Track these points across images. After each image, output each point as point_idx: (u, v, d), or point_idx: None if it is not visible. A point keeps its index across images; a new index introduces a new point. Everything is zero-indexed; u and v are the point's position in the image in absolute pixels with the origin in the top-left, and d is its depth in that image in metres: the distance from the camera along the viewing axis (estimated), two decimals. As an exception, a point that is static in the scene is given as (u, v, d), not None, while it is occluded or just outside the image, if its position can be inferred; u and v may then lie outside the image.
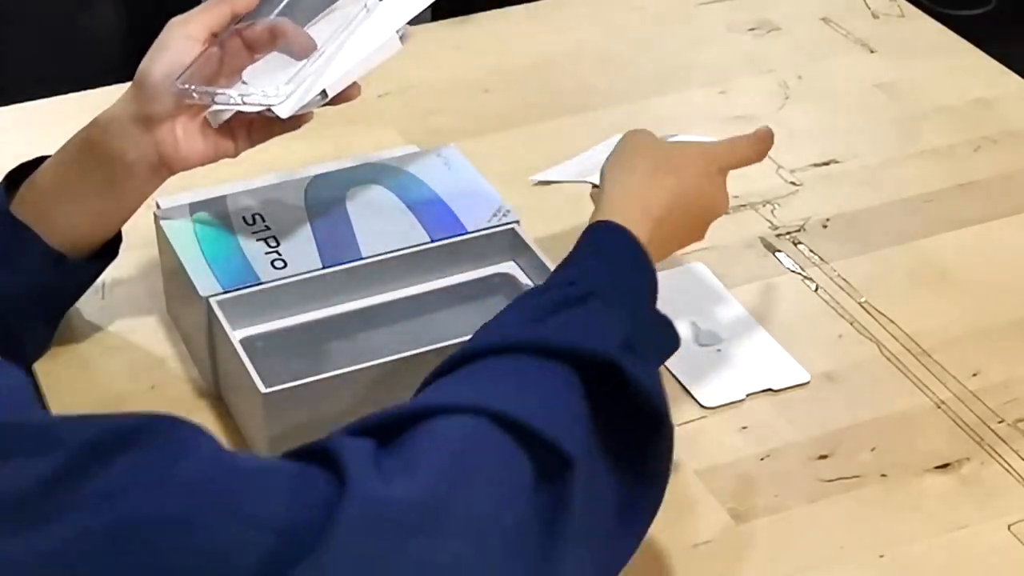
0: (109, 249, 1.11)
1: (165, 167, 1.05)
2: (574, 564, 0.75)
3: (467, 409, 0.75)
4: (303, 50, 1.05)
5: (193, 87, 1.01)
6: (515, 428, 0.75)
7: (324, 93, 1.04)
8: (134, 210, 1.08)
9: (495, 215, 1.13)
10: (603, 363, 0.82)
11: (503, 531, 0.71)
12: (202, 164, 1.06)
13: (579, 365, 0.81)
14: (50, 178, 1.06)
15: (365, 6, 1.06)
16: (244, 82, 1.06)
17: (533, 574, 0.72)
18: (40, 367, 1.13)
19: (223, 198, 1.15)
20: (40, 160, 1.08)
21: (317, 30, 1.07)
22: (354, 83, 1.06)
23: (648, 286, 0.92)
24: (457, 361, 0.82)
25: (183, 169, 1.05)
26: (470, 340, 0.85)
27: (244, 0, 1.06)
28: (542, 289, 0.89)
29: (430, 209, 1.14)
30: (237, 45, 1.06)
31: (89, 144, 1.04)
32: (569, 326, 0.84)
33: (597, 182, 1.01)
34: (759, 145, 1.07)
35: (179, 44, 1.03)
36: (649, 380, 0.83)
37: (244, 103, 1.02)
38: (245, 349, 1.02)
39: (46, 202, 1.05)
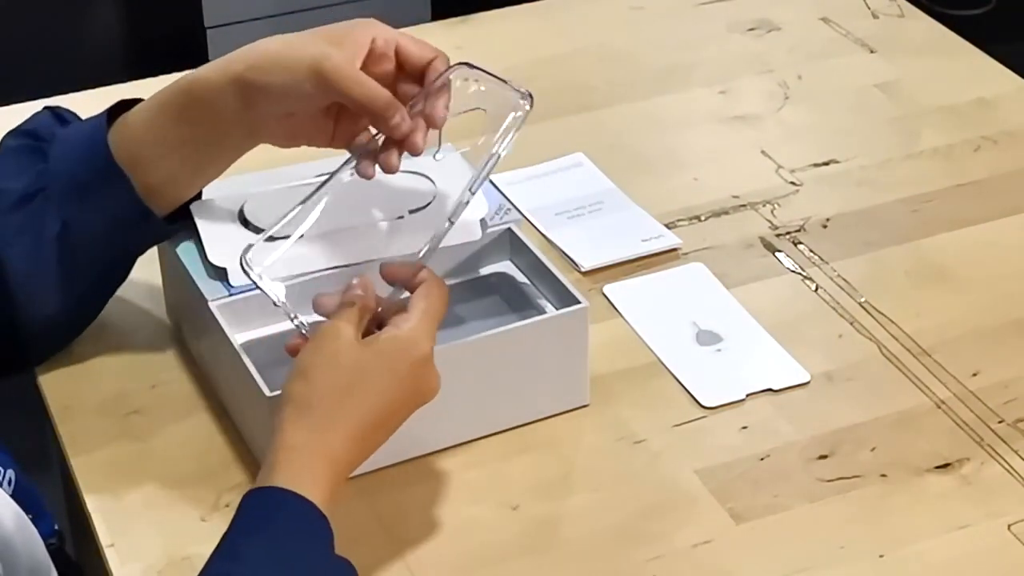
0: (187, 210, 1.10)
1: (259, 140, 1.05)
2: None
3: None
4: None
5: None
6: None
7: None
8: (224, 168, 1.08)
9: (494, 215, 1.13)
10: None
11: None
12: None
13: None
14: (143, 120, 1.05)
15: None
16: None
17: None
18: (40, 367, 1.13)
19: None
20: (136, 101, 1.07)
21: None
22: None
23: (318, 548, 0.87)
24: None
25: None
26: None
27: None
28: None
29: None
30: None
31: (186, 98, 1.04)
32: None
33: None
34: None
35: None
36: None
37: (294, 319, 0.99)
38: (247, 352, 1.02)
39: (137, 145, 1.04)
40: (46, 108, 1.11)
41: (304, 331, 0.96)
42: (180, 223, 1.10)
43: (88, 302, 1.12)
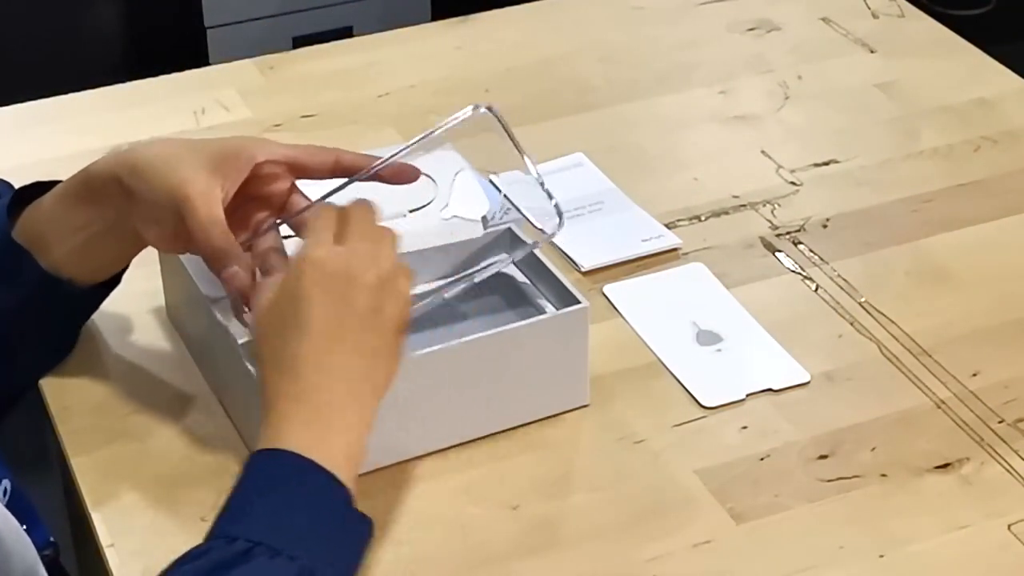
0: (112, 279, 1.10)
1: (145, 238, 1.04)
2: None
3: None
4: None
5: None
6: None
7: None
8: (131, 254, 1.08)
9: (494, 214, 1.13)
10: None
11: None
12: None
13: None
14: (48, 202, 1.05)
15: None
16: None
17: None
18: (40, 367, 1.13)
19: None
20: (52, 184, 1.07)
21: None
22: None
23: (321, 499, 0.88)
24: None
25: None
26: None
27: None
28: (203, 549, 0.85)
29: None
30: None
31: (83, 185, 1.04)
32: None
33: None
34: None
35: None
36: None
37: None
38: (246, 352, 1.02)
39: (42, 224, 1.05)
40: None
41: None
42: (109, 289, 1.11)
43: (22, 370, 1.11)
